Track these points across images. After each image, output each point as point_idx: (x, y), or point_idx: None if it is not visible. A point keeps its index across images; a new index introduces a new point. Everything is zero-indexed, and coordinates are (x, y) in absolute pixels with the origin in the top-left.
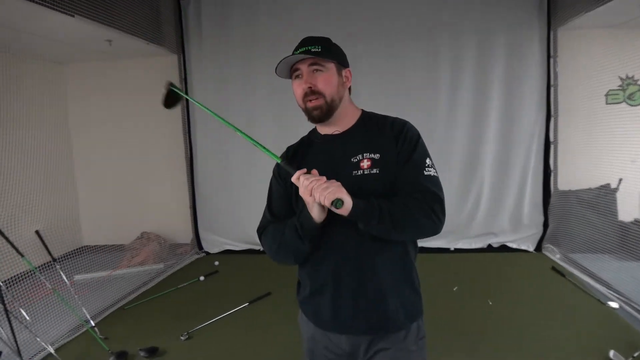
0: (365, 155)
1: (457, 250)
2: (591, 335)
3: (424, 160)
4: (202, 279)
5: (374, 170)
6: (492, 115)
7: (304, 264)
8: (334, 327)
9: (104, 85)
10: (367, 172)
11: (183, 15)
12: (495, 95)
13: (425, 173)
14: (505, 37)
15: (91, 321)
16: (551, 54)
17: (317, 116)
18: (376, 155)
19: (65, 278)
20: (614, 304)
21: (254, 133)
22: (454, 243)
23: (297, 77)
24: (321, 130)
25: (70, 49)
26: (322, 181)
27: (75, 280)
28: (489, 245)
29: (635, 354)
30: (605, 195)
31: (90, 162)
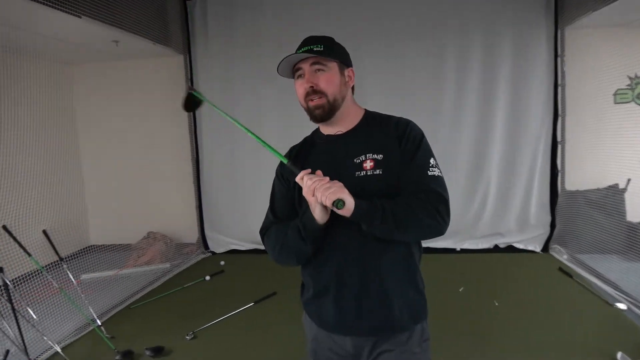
0: (368, 156)
1: (464, 250)
2: (598, 337)
3: (428, 160)
4: (208, 278)
5: (377, 171)
6: (499, 115)
7: (307, 265)
8: (338, 329)
9: (111, 85)
10: (370, 173)
11: (189, 15)
12: (502, 95)
13: (430, 173)
14: (512, 37)
15: (98, 320)
16: (558, 53)
17: (319, 115)
18: (379, 156)
19: (72, 277)
20: (621, 306)
21: (259, 132)
22: (460, 243)
23: (300, 77)
24: (324, 130)
25: (78, 49)
26: (325, 181)
27: (82, 280)
28: (496, 246)
29: None
30: (613, 196)
31: (97, 162)
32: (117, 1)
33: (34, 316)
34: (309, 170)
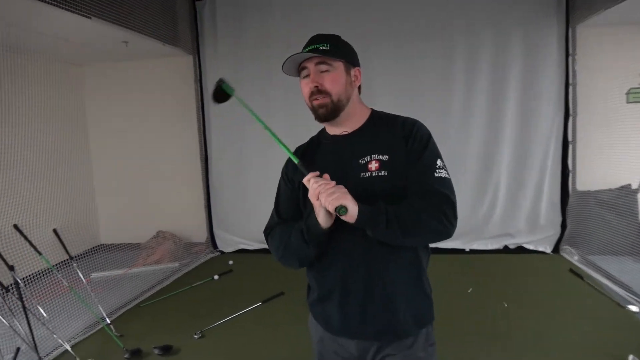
0: (373, 156)
1: (473, 251)
2: (610, 340)
3: (435, 161)
4: (217, 277)
5: (382, 172)
6: (509, 115)
7: (311, 267)
8: (343, 332)
9: (121, 85)
10: (375, 174)
11: (198, 16)
12: (512, 94)
13: (436, 175)
14: (522, 36)
15: (107, 318)
16: (569, 52)
17: (323, 115)
18: (384, 157)
19: (81, 276)
20: (634, 308)
21: (267, 132)
22: (470, 244)
23: (305, 76)
24: (330, 130)
25: (87, 50)
26: (330, 186)
27: (91, 278)
28: (505, 247)
29: None
30: (625, 196)
31: (107, 162)
32: (127, 2)
33: (44, 314)
34: (317, 172)
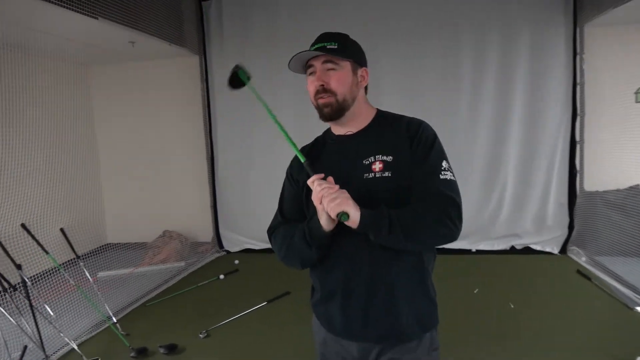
0: (377, 157)
1: (479, 251)
2: (617, 342)
3: (440, 163)
4: (222, 277)
5: (386, 174)
6: (516, 115)
7: (314, 268)
8: (345, 334)
9: (128, 85)
10: (379, 175)
11: (204, 16)
12: (519, 94)
13: (441, 177)
14: (530, 35)
15: (113, 317)
16: (577, 51)
17: (328, 114)
18: (389, 158)
19: (88, 275)
20: None
21: (274, 132)
22: (476, 244)
23: (311, 74)
24: (335, 130)
25: (94, 50)
26: (333, 190)
27: (98, 277)
28: (512, 247)
29: None
30: (634, 197)
31: (114, 162)
32: (133, 3)
33: (51, 313)
34: (322, 175)
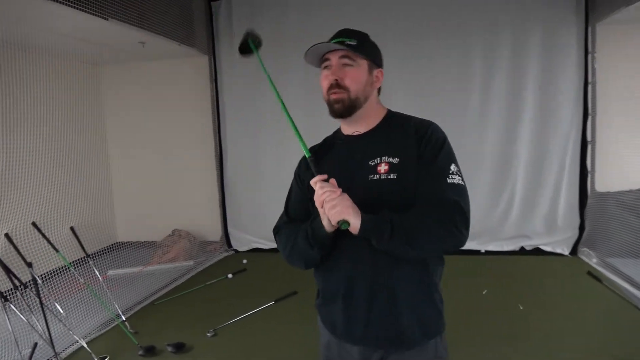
0: (383, 158)
1: (488, 252)
2: (628, 345)
3: (448, 166)
4: (230, 276)
5: (391, 176)
6: (526, 114)
7: (317, 269)
8: (347, 337)
9: (137, 85)
10: (384, 177)
11: (214, 16)
12: (530, 93)
13: (449, 180)
14: (541, 34)
15: (122, 316)
16: (589, 50)
17: (338, 110)
18: (395, 160)
19: (97, 273)
20: None
21: (283, 130)
22: (485, 245)
23: (326, 68)
24: (344, 130)
25: (104, 50)
26: (335, 195)
27: (108, 275)
28: (522, 248)
29: None
30: None
31: (124, 161)
32: (144, 3)
33: (61, 311)
34: (325, 176)
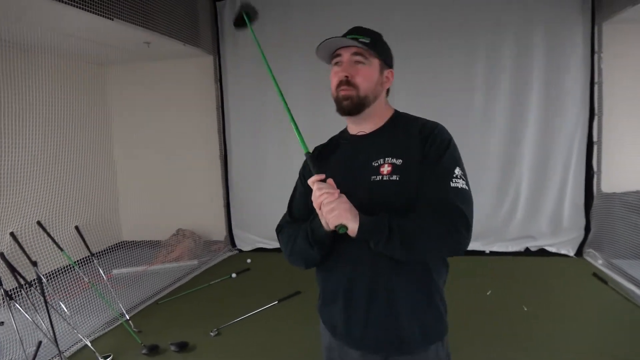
0: (387, 159)
1: (493, 253)
2: (635, 347)
3: (453, 169)
4: (234, 276)
5: (394, 177)
6: (531, 114)
7: (318, 269)
8: (347, 341)
9: (142, 85)
10: (386, 179)
11: (219, 16)
12: (535, 93)
13: (452, 184)
14: (546, 33)
15: (126, 315)
16: (595, 49)
17: (346, 107)
18: (398, 161)
19: (102, 272)
20: None
21: (287, 130)
22: (490, 246)
23: (337, 64)
24: (350, 129)
25: (110, 51)
26: (333, 197)
27: (113, 274)
28: (527, 249)
29: None
30: None
31: (129, 161)
32: (149, 4)
33: (66, 310)
34: (323, 176)
